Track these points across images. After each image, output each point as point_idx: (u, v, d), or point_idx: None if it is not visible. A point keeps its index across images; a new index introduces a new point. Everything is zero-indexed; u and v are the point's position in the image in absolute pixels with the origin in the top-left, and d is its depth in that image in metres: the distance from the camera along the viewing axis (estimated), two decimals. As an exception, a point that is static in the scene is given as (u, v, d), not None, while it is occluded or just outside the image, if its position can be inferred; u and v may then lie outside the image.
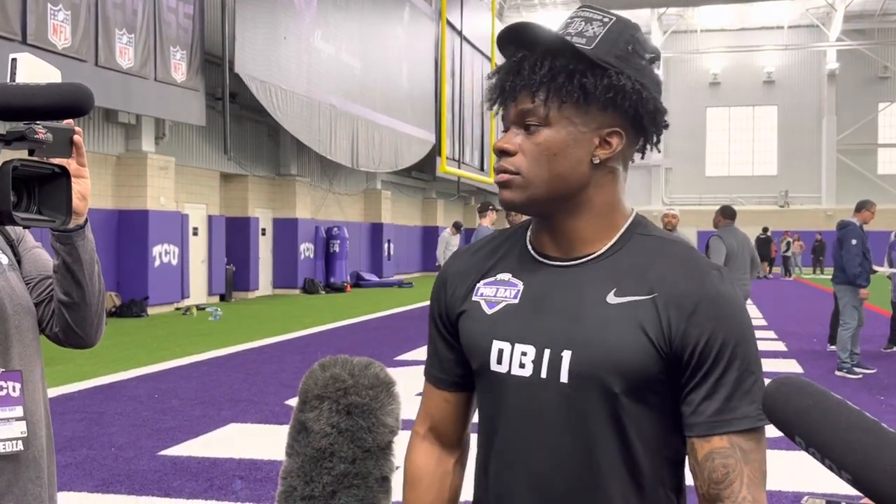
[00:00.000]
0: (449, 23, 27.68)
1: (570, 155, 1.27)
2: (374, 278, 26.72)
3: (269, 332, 13.30)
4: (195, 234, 18.69)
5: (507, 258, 1.38)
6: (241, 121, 19.87)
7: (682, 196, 42.66)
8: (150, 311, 16.14)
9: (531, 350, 1.28)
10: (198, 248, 18.79)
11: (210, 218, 19.32)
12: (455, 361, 1.43)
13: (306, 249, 23.06)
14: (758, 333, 7.41)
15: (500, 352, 1.30)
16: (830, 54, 41.40)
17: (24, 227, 1.60)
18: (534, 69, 1.26)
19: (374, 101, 23.86)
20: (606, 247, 1.30)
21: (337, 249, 24.04)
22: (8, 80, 1.49)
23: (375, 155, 24.19)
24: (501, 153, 1.30)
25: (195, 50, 16.60)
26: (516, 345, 1.29)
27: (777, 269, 34.95)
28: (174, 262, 16.99)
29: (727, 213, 8.58)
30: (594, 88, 1.25)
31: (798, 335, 13.02)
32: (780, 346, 11.82)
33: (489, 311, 1.34)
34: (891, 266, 11.08)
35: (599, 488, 1.26)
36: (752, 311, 16.83)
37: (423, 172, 30.83)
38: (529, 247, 1.37)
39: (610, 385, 1.23)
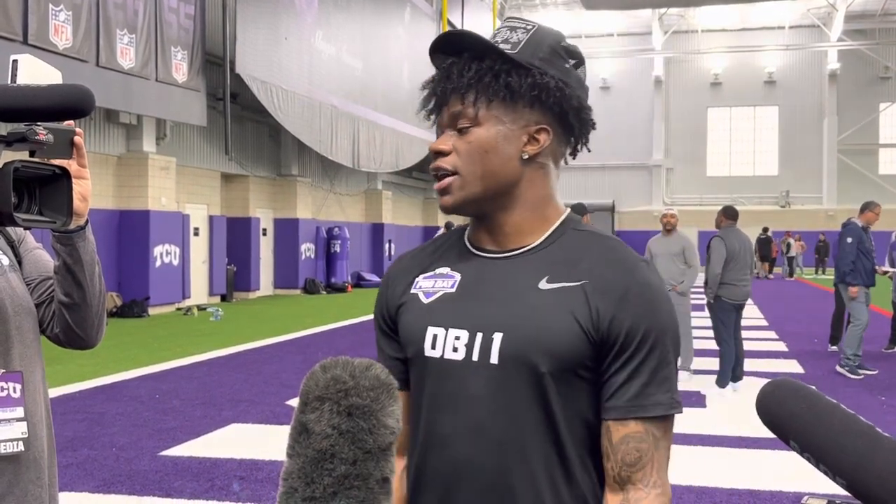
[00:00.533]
0: (450, 23, 27.70)
1: (500, 152, 1.33)
2: (375, 278, 26.73)
3: (270, 332, 13.32)
4: (196, 234, 18.71)
5: (447, 255, 1.43)
6: (242, 121, 19.88)
7: (683, 196, 42.65)
8: (152, 311, 16.15)
9: (464, 334, 1.32)
10: (199, 248, 18.81)
11: (211, 218, 19.34)
12: (400, 360, 1.45)
13: (307, 250, 23.07)
14: (759, 333, 7.44)
15: (435, 337, 1.35)
16: (831, 54, 41.39)
17: (25, 228, 1.60)
18: (462, 73, 1.32)
19: (375, 101, 23.88)
20: (541, 239, 1.36)
21: (338, 249, 24.05)
22: (9, 82, 1.49)
23: (376, 155, 24.21)
24: (437, 154, 1.36)
25: (196, 50, 16.62)
26: (450, 330, 1.33)
27: (778, 270, 34.94)
28: (175, 262, 17.01)
29: (729, 214, 8.57)
30: (519, 87, 1.31)
31: (799, 335, 13.02)
32: (781, 347, 11.82)
33: (426, 301, 1.38)
34: (892, 266, 11.08)
35: (525, 467, 1.29)
36: (754, 311, 16.83)
37: (423, 173, 30.85)
38: (468, 243, 1.42)
39: (537, 365, 1.27)
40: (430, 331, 1.35)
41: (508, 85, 1.30)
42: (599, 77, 43.93)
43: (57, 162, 1.57)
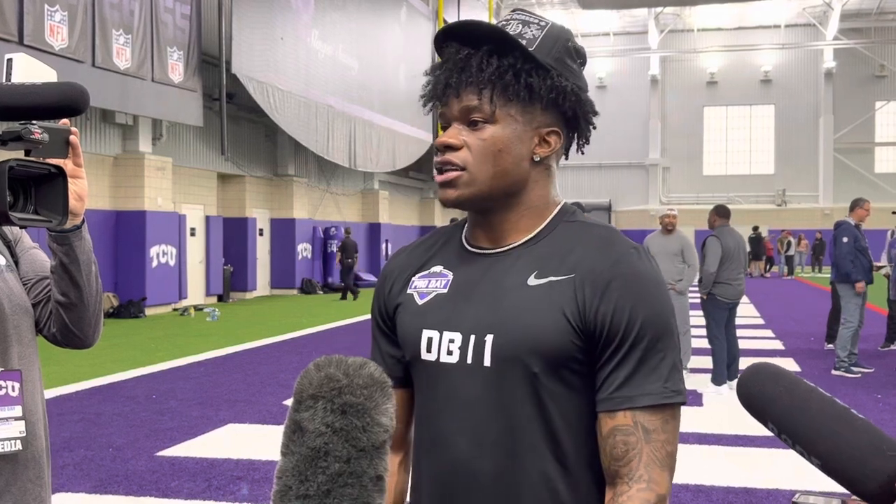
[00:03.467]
0: (446, 22, 27.69)
1: (513, 152, 1.31)
2: (372, 278, 26.71)
3: (267, 332, 13.31)
4: (192, 234, 18.69)
5: (442, 252, 1.42)
6: (239, 121, 19.87)
7: (680, 195, 42.68)
8: (148, 311, 16.14)
9: (458, 337, 1.31)
10: (195, 248, 18.79)
11: (207, 218, 19.33)
12: (396, 358, 1.45)
13: (304, 250, 23.06)
14: (755, 332, 7.43)
15: (430, 340, 1.34)
16: (827, 53, 41.44)
17: (21, 227, 1.60)
18: (481, 66, 1.28)
19: (371, 101, 23.86)
20: (532, 234, 1.34)
21: (334, 249, 24.05)
22: (3, 80, 1.49)
23: (373, 155, 24.20)
24: (446, 148, 1.32)
25: (192, 50, 16.60)
26: (444, 332, 1.32)
27: (775, 269, 34.97)
28: (172, 262, 16.99)
29: (722, 213, 8.58)
30: (539, 88, 1.29)
31: (796, 334, 13.04)
32: (778, 345, 11.84)
33: (420, 302, 1.37)
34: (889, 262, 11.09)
35: (522, 469, 1.27)
36: (750, 309, 16.85)
37: (420, 172, 30.84)
38: (464, 240, 1.40)
39: (529, 365, 1.26)
40: (425, 334, 1.34)
41: (529, 85, 1.28)
42: (596, 76, 43.93)
43: (53, 161, 1.57)
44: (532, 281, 1.29)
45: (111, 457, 5.80)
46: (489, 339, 1.28)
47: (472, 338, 1.29)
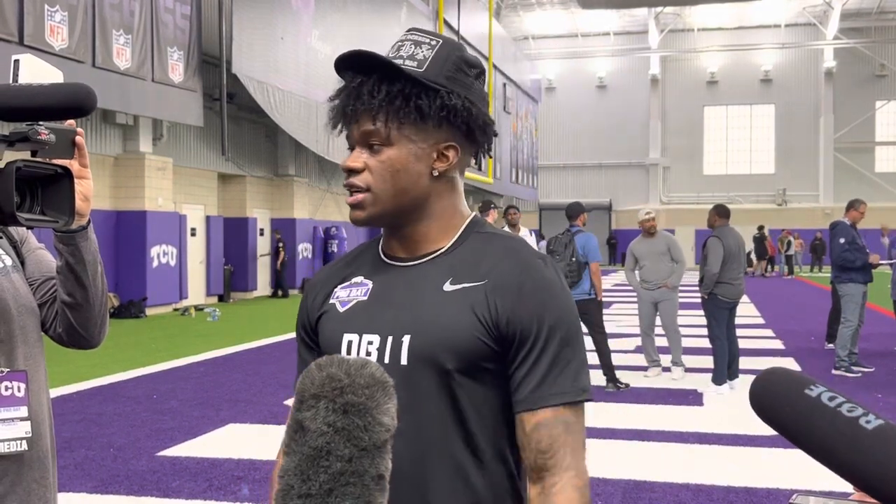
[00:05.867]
0: (446, 23, 27.70)
1: (411, 170, 1.39)
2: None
3: (268, 332, 13.32)
4: (193, 234, 18.70)
5: (362, 265, 1.50)
6: (239, 121, 19.88)
7: (680, 195, 42.69)
8: (149, 311, 16.15)
9: (376, 339, 1.38)
10: (196, 248, 18.80)
11: (208, 218, 19.33)
12: None
13: (304, 249, 23.07)
14: (755, 331, 7.45)
15: (350, 343, 1.40)
16: (827, 52, 41.45)
17: (28, 228, 1.61)
18: (372, 94, 1.35)
19: (371, 101, 23.84)
20: (446, 245, 1.43)
21: (335, 249, 24.05)
22: (10, 81, 1.50)
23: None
24: (350, 172, 1.40)
25: (192, 50, 16.61)
26: (363, 335, 1.40)
27: (777, 268, 34.96)
28: (172, 262, 17.00)
29: (722, 213, 8.58)
30: (429, 109, 1.36)
31: (796, 333, 13.04)
32: (778, 345, 11.84)
33: (342, 310, 1.45)
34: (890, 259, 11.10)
35: (438, 461, 1.35)
36: (750, 309, 16.85)
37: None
38: (381, 252, 1.49)
39: (443, 363, 1.33)
40: (346, 337, 1.40)
41: (419, 108, 1.35)
42: (596, 76, 43.93)
43: (59, 162, 1.58)
44: (447, 287, 1.37)
45: (112, 457, 5.81)
46: (406, 339, 1.36)
47: (390, 339, 1.37)
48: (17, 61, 1.52)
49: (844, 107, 41.22)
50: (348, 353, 1.39)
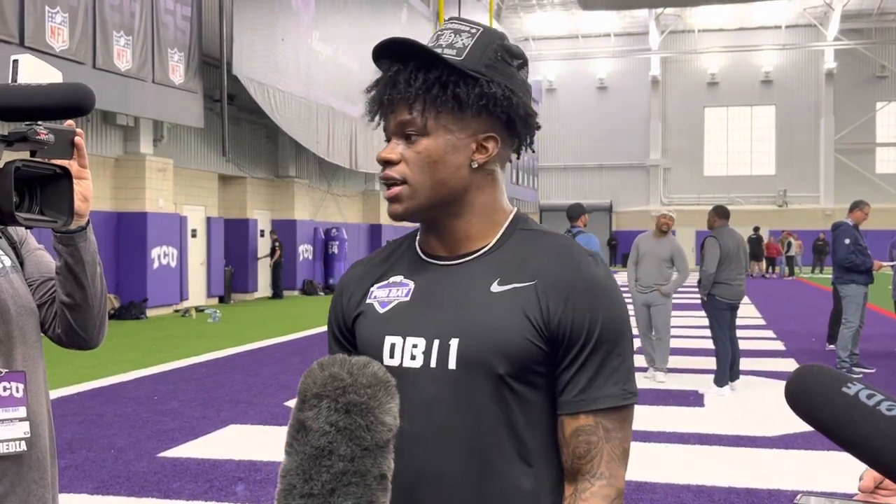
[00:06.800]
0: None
1: (449, 161, 1.34)
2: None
3: (269, 333, 13.31)
4: (194, 235, 18.70)
5: (399, 263, 1.45)
6: (240, 122, 19.88)
7: (681, 196, 42.67)
8: (149, 313, 16.14)
9: (421, 342, 1.34)
10: (196, 249, 18.80)
11: (209, 220, 19.33)
12: None
13: (305, 251, 23.06)
14: (756, 332, 7.43)
15: (392, 346, 1.36)
16: (828, 54, 41.44)
17: (27, 228, 1.61)
18: (409, 82, 1.32)
19: (372, 102, 23.84)
20: (490, 243, 1.38)
21: (336, 251, 24.04)
22: (9, 81, 1.50)
23: (374, 156, 24.16)
24: (385, 163, 1.36)
25: (193, 52, 16.61)
26: (407, 338, 1.35)
27: (777, 269, 34.94)
28: (173, 264, 17.00)
29: (722, 214, 8.56)
30: (467, 97, 1.31)
31: (796, 334, 13.03)
32: (779, 346, 11.83)
33: (381, 311, 1.40)
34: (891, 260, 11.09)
35: (490, 471, 1.31)
36: (751, 310, 16.84)
37: (421, 173, 30.82)
38: (419, 250, 1.44)
39: (494, 367, 1.29)
40: (388, 340, 1.36)
41: (456, 96, 1.31)
42: (596, 77, 43.94)
43: (58, 162, 1.58)
44: (495, 287, 1.33)
45: (112, 458, 5.80)
46: (454, 342, 1.31)
47: (436, 342, 1.32)
48: (16, 61, 1.52)
49: (845, 108, 41.21)
50: (391, 356, 1.35)
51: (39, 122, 1.50)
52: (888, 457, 0.72)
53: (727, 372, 8.24)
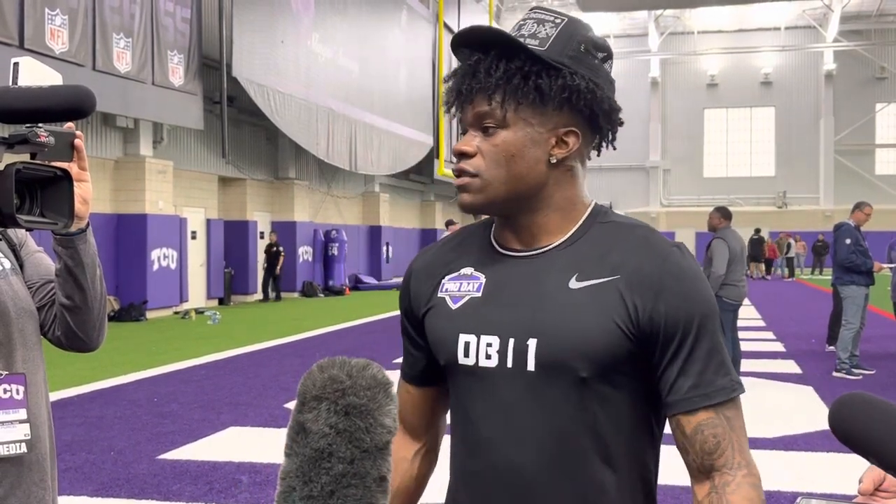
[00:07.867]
0: (446, 25, 27.72)
1: (527, 155, 1.28)
2: (373, 281, 26.73)
3: (268, 335, 13.32)
4: (194, 237, 18.70)
5: (470, 253, 1.39)
6: (240, 124, 19.89)
7: (680, 197, 42.71)
8: (149, 314, 16.15)
9: (496, 341, 1.29)
10: (196, 251, 18.81)
11: (208, 221, 19.34)
12: (417, 357, 1.46)
13: (305, 252, 23.07)
14: (756, 334, 7.42)
15: (467, 345, 1.31)
16: (827, 55, 41.48)
17: (27, 230, 1.61)
18: (489, 72, 1.26)
19: (371, 104, 23.89)
20: (567, 236, 1.32)
21: (335, 252, 24.06)
22: (10, 84, 1.50)
23: (374, 158, 24.22)
24: (461, 155, 1.31)
25: (193, 54, 16.63)
26: (482, 336, 1.30)
27: (776, 271, 34.95)
28: (173, 265, 17.00)
29: (726, 215, 8.57)
30: (549, 89, 1.26)
31: (796, 335, 13.03)
32: (779, 347, 11.83)
33: (454, 307, 1.35)
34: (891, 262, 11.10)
35: (572, 475, 1.26)
36: (751, 311, 16.85)
37: (421, 175, 30.86)
38: (493, 241, 1.38)
39: (577, 370, 1.24)
40: (462, 338, 1.32)
41: (538, 87, 1.25)
42: (596, 79, 43.88)
43: (58, 164, 1.58)
44: (574, 284, 1.27)
45: (112, 460, 5.81)
46: (532, 343, 1.26)
47: (512, 341, 1.27)
48: (16, 64, 1.52)
49: (844, 109, 41.24)
50: (466, 355, 1.31)
51: (40, 125, 1.51)
52: None
53: (729, 373, 8.23)
